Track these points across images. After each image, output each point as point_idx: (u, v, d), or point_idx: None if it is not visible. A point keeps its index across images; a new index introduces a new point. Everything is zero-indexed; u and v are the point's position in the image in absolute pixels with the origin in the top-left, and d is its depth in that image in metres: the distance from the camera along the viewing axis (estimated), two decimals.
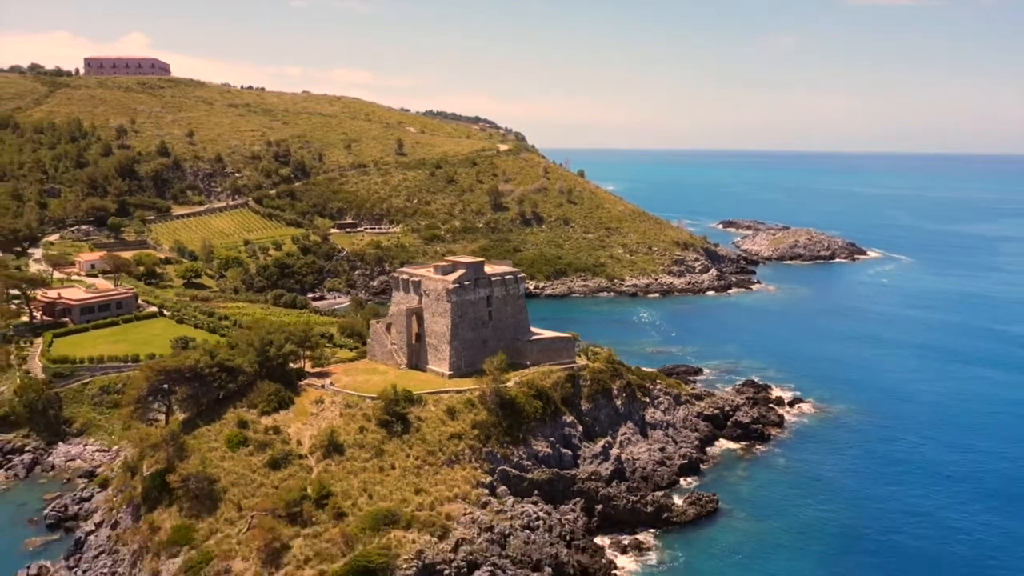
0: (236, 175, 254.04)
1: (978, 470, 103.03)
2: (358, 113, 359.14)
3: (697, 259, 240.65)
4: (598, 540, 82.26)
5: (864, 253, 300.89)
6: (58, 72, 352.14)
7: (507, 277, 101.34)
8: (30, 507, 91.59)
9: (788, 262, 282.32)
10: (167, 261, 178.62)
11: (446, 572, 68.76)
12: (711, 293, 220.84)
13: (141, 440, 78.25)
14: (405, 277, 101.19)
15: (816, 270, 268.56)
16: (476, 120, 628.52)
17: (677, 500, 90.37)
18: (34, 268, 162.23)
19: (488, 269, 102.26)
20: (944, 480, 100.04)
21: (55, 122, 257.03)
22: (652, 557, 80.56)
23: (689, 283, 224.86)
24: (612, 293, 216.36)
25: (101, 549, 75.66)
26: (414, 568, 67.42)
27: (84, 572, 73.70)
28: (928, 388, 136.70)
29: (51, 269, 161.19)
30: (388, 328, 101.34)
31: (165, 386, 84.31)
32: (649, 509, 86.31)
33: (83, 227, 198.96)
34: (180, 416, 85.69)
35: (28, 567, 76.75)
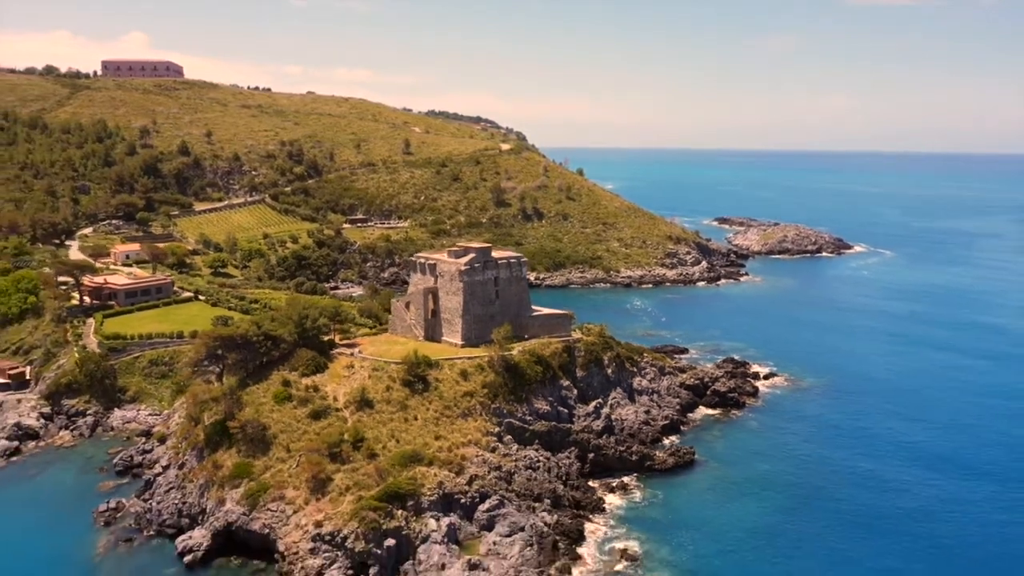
0: (253, 173, 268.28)
1: (924, 439, 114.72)
2: (365, 114, 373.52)
3: (689, 252, 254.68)
4: (590, 483, 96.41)
5: (850, 248, 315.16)
6: (77, 75, 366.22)
7: (512, 261, 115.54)
8: (97, 459, 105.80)
9: (776, 256, 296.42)
10: (195, 252, 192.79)
11: (462, 500, 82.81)
12: (701, 284, 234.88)
13: (204, 394, 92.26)
14: (422, 261, 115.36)
15: (802, 263, 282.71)
16: (477, 120, 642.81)
17: (659, 452, 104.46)
18: (74, 258, 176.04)
19: (495, 254, 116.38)
20: (894, 446, 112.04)
21: (81, 123, 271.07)
22: (636, 495, 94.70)
23: (680, 275, 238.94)
24: (608, 284, 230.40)
25: (171, 485, 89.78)
26: (436, 495, 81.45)
27: (158, 503, 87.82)
28: (890, 368, 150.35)
29: (91, 259, 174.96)
30: (407, 305, 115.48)
31: (219, 351, 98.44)
32: (634, 458, 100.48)
33: (114, 221, 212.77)
34: (231, 378, 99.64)
35: (107, 502, 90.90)
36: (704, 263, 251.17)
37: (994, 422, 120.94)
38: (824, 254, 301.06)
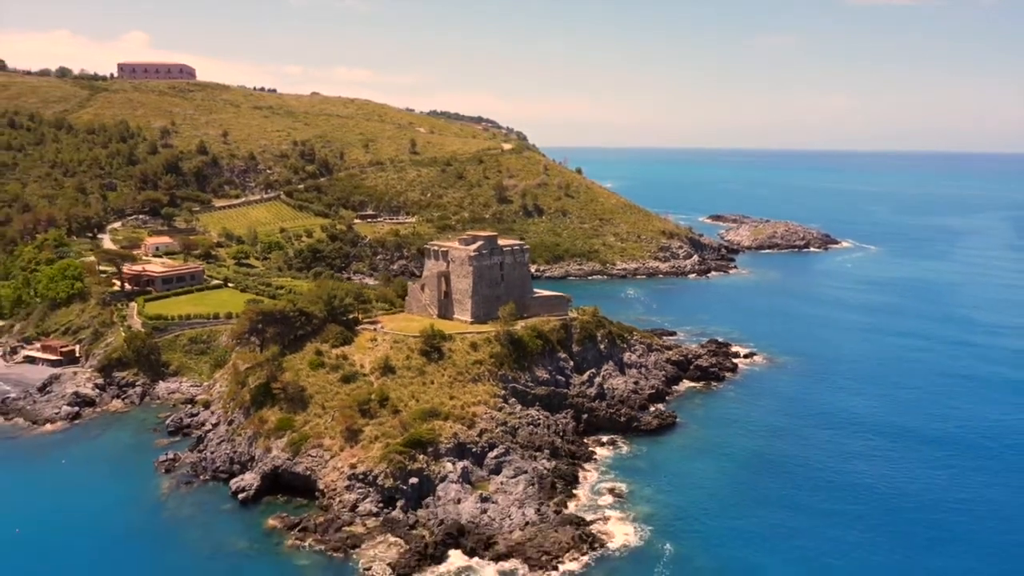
0: (268, 171, 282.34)
1: (881, 412, 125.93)
2: (371, 115, 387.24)
3: (681, 247, 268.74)
4: (584, 439, 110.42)
5: (837, 243, 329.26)
6: (94, 77, 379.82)
7: (515, 248, 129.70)
8: (149, 422, 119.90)
9: (766, 251, 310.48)
10: (219, 245, 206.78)
11: (473, 449, 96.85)
12: (692, 276, 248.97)
13: (250, 361, 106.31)
14: (436, 248, 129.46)
15: (790, 257, 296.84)
16: (479, 120, 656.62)
17: (645, 416, 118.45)
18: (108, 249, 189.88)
19: (500, 242, 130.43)
20: (853, 417, 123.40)
21: (104, 124, 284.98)
22: (623, 450, 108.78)
23: (673, 267, 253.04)
24: (604, 276, 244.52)
25: (221, 439, 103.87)
26: (451, 444, 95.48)
27: (211, 453, 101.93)
28: (858, 350, 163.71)
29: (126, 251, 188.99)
30: (422, 288, 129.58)
31: (260, 325, 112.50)
32: (623, 419, 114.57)
33: (140, 216, 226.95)
34: (272, 347, 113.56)
35: (166, 453, 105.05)
36: (695, 257, 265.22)
37: (947, 399, 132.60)
38: (811, 249, 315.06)
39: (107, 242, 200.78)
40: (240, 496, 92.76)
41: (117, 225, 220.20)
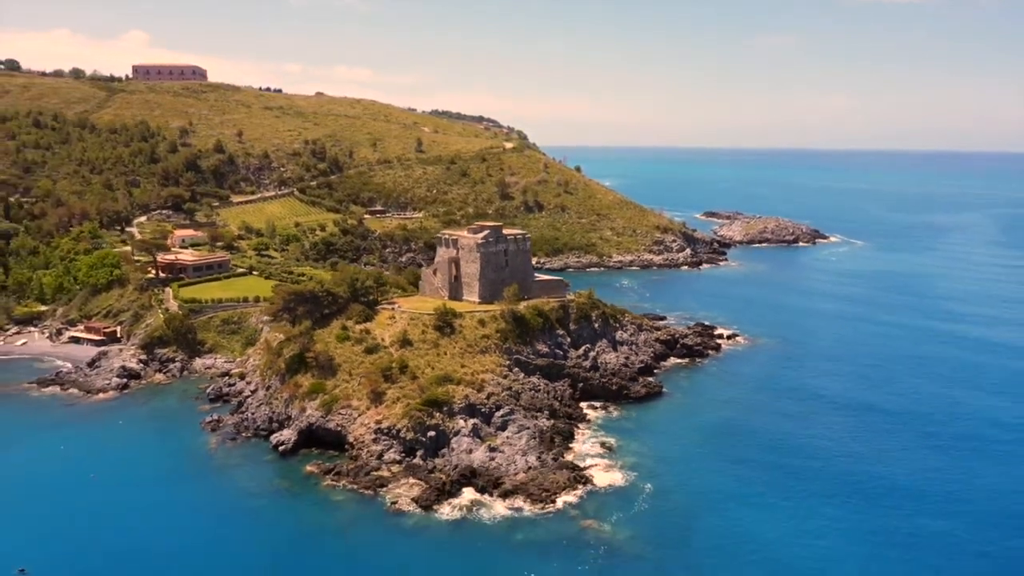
0: (281, 169, 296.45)
1: (850, 388, 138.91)
2: (377, 115, 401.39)
3: (675, 241, 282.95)
4: (579, 404, 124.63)
5: (825, 238, 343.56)
6: (110, 78, 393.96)
7: (518, 236, 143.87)
8: (191, 392, 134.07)
9: (757, 245, 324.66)
10: (240, 237, 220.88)
11: (482, 409, 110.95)
12: (684, 268, 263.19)
13: (285, 334, 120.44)
14: (447, 236, 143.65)
15: (779, 251, 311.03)
16: (480, 119, 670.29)
17: (634, 386, 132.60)
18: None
19: (505, 231, 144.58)
20: (822, 393, 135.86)
21: (126, 124, 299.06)
22: (614, 414, 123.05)
23: (666, 260, 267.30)
24: (601, 268, 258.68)
25: (260, 402, 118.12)
26: (463, 404, 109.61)
27: (252, 414, 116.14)
28: (834, 334, 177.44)
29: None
30: (435, 272, 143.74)
31: (291, 304, 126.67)
32: (614, 388, 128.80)
33: (164, 211, 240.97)
34: (303, 322, 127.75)
35: (211, 415, 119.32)
36: (688, 250, 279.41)
37: (911, 380, 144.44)
38: (800, 244, 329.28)
39: (136, 235, 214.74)
40: (280, 448, 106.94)
41: (143, 219, 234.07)
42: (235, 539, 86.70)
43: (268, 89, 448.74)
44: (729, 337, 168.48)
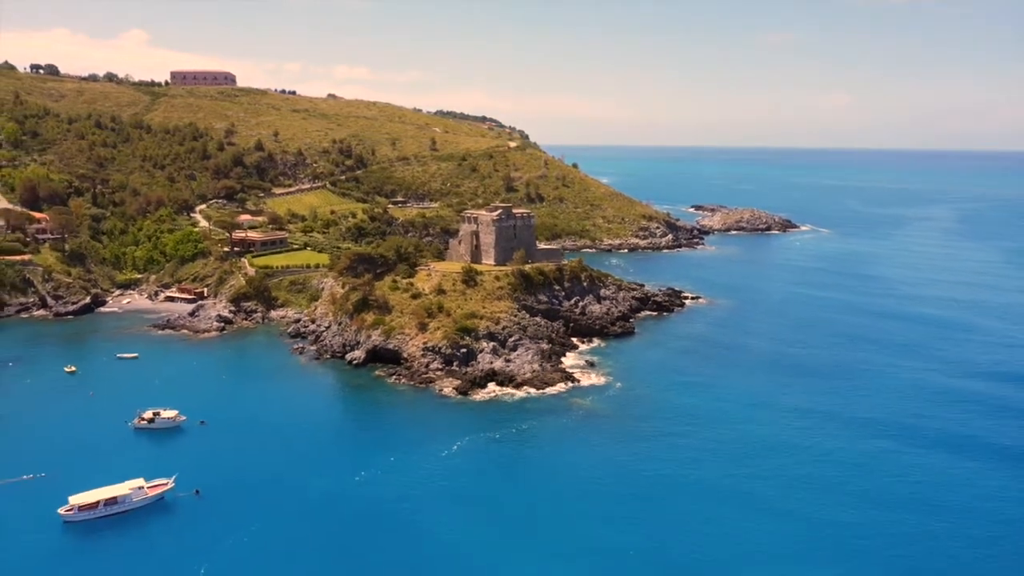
0: (314, 165, 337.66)
1: (786, 332, 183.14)
2: (393, 117, 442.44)
3: (658, 227, 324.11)
4: (571, 338, 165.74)
5: (796, 227, 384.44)
6: (152, 83, 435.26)
7: (524, 215, 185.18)
8: (274, 332, 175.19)
9: (733, 232, 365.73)
10: (289, 221, 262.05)
11: (499, 336, 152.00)
12: (666, 251, 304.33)
13: (353, 283, 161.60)
14: (469, 215, 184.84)
15: (752, 238, 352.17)
16: (483, 119, 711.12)
17: (612, 327, 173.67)
18: (203, 224, 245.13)
19: (515, 211, 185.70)
20: (762, 334, 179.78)
21: (176, 125, 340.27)
22: (596, 344, 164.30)
23: (650, 243, 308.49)
24: (593, 250, 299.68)
25: (335, 334, 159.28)
26: (485, 332, 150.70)
27: (330, 341, 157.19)
28: (781, 297, 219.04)
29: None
30: (459, 243, 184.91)
31: (355, 264, 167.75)
32: (597, 327, 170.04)
33: (219, 200, 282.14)
34: (365, 276, 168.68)
35: (297, 343, 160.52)
36: (670, 235, 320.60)
37: (825, 333, 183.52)
38: (773, 231, 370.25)
39: (200, 220, 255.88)
40: (353, 362, 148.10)
41: (203, 207, 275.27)
42: (335, 411, 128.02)
43: (282, 91, 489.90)
44: (693, 298, 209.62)
